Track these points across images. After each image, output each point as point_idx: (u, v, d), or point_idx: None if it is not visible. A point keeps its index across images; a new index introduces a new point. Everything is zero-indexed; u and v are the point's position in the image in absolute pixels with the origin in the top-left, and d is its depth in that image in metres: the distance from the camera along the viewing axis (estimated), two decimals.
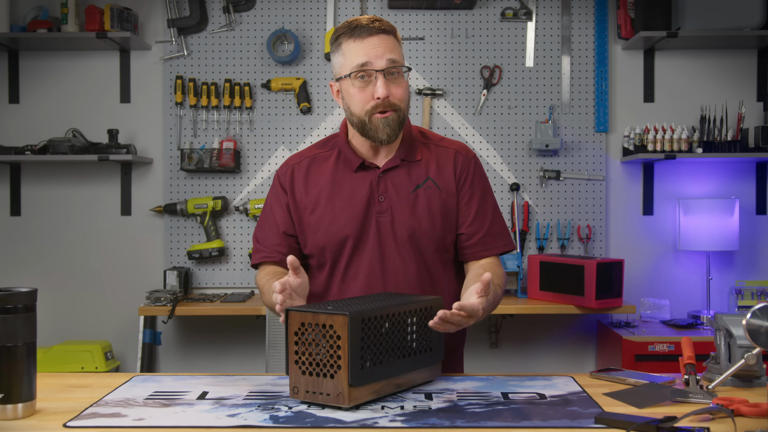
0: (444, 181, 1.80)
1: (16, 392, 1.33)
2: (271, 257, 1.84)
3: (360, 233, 1.77)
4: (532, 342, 3.77)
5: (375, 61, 1.69)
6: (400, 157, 1.79)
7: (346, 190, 1.79)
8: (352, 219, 1.76)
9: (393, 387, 1.49)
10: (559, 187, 3.73)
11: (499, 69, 3.72)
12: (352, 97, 1.73)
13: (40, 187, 3.76)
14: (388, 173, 1.79)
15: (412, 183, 1.79)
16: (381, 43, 1.70)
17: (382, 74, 1.69)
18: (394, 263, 1.77)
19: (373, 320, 1.42)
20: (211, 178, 3.72)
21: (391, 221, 1.77)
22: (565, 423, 1.31)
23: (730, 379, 1.56)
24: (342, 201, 1.78)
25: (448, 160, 1.82)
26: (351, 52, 1.71)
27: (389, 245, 1.77)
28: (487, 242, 1.81)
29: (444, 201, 1.79)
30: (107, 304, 3.75)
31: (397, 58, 1.71)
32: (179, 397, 1.49)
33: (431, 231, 1.77)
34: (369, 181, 1.78)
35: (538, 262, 3.46)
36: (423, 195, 1.78)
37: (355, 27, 1.71)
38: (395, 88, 1.71)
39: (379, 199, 1.77)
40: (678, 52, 3.75)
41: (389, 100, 1.70)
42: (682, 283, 3.74)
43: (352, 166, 1.79)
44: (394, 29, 1.74)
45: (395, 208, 1.77)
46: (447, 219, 1.80)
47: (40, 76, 3.75)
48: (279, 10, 3.72)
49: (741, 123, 3.58)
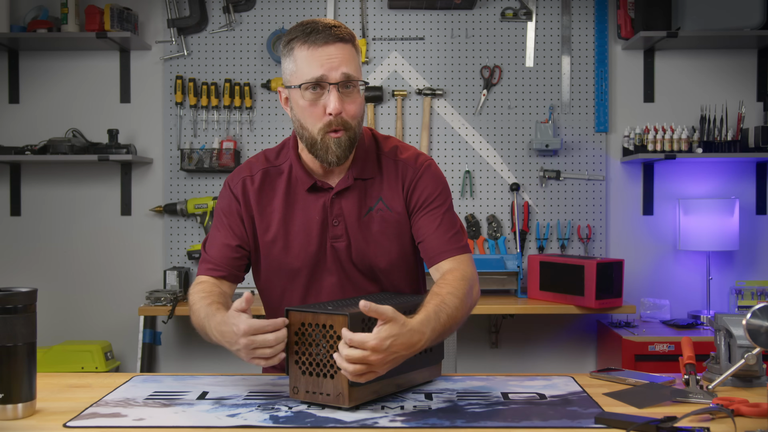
0: (394, 200, 1.69)
1: (16, 392, 1.33)
2: (217, 271, 1.68)
3: (316, 261, 1.68)
4: (532, 342, 3.77)
5: (329, 74, 1.54)
6: (353, 176, 1.67)
7: (299, 212, 1.68)
8: (307, 247, 1.67)
9: (393, 387, 1.49)
10: (559, 187, 3.73)
11: (499, 69, 3.72)
12: (302, 110, 1.59)
13: (40, 187, 3.76)
14: (341, 195, 1.67)
15: (365, 205, 1.68)
16: (337, 54, 1.55)
17: (336, 88, 1.54)
18: (356, 286, 1.69)
19: (373, 320, 1.42)
20: (211, 178, 3.72)
21: (347, 246, 1.67)
22: (565, 423, 1.31)
23: (730, 379, 1.56)
24: (296, 226, 1.68)
25: (397, 177, 1.69)
26: (303, 61, 1.56)
27: (348, 273, 1.69)
28: (439, 253, 1.65)
29: (396, 222, 1.69)
30: (107, 304, 3.75)
31: (352, 72, 1.56)
32: (179, 397, 1.49)
33: (388, 255, 1.68)
34: (322, 204, 1.67)
35: (538, 262, 3.46)
36: (376, 218, 1.68)
37: (310, 32, 1.56)
38: (349, 104, 1.57)
39: (333, 223, 1.67)
40: (678, 52, 3.75)
41: (341, 117, 1.56)
42: (682, 283, 3.74)
43: (304, 186, 1.68)
44: (353, 37, 1.60)
45: (351, 233, 1.67)
46: (401, 240, 1.70)
47: (40, 76, 3.75)
48: (279, 10, 3.72)
49: (741, 123, 3.58)
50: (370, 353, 1.30)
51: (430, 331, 1.40)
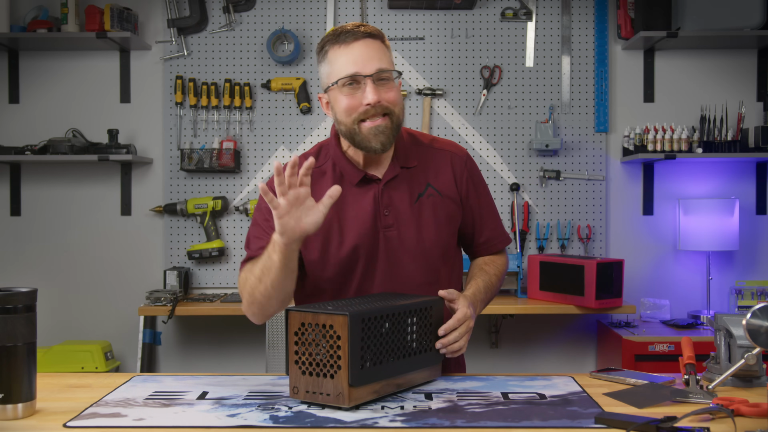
0: (444, 185, 1.76)
1: (16, 392, 1.33)
2: None
3: (370, 251, 1.71)
4: (532, 342, 3.77)
5: (363, 68, 1.62)
6: (399, 165, 1.73)
7: (350, 206, 1.71)
8: (362, 238, 1.70)
9: (393, 387, 1.49)
10: (559, 187, 3.73)
11: (499, 69, 3.72)
12: (341, 107, 1.65)
13: (40, 187, 3.76)
14: (389, 184, 1.72)
15: (414, 192, 1.74)
16: (368, 48, 1.63)
17: (371, 80, 1.62)
18: (405, 277, 1.72)
19: (373, 320, 1.42)
20: (211, 178, 3.72)
21: (398, 236, 1.71)
22: (565, 423, 1.31)
23: (730, 379, 1.56)
24: (349, 220, 1.71)
25: (445, 165, 1.78)
26: (337, 60, 1.64)
27: (399, 260, 1.72)
28: (492, 241, 1.85)
29: (447, 207, 1.76)
30: (107, 304, 3.75)
31: (385, 65, 1.64)
32: (179, 397, 1.49)
33: (438, 240, 1.74)
34: (372, 194, 1.71)
35: (538, 262, 3.46)
36: (427, 203, 1.74)
37: (340, 33, 1.65)
38: (386, 92, 1.64)
39: (384, 213, 1.71)
40: (678, 52, 3.75)
41: (381, 105, 1.62)
42: (682, 283, 3.74)
43: (353, 180, 1.72)
44: (382, 34, 1.68)
45: (401, 222, 1.72)
46: (451, 225, 1.77)
47: (40, 76, 3.75)
48: (279, 10, 3.72)
49: (741, 123, 3.58)
50: (469, 320, 1.59)
51: (480, 302, 1.74)
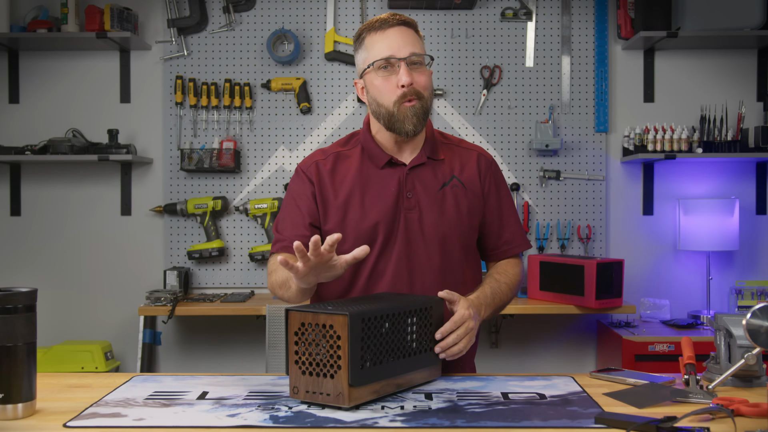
0: (469, 180, 1.83)
1: (16, 392, 1.33)
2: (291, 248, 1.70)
3: (389, 229, 1.77)
4: (532, 342, 3.77)
5: (397, 51, 1.72)
6: (426, 155, 1.81)
7: (374, 186, 1.79)
8: (383, 215, 1.77)
9: (393, 387, 1.49)
10: (559, 187, 3.73)
11: (499, 69, 3.72)
12: (377, 89, 1.75)
13: (40, 187, 3.76)
14: (414, 170, 1.80)
15: (439, 181, 1.81)
16: (402, 34, 1.74)
17: (405, 63, 1.72)
18: (421, 261, 1.78)
19: (373, 320, 1.42)
20: (211, 178, 3.72)
21: (419, 218, 1.78)
22: (565, 423, 1.31)
23: (730, 379, 1.56)
24: (371, 197, 1.78)
25: (471, 162, 1.86)
26: (374, 45, 1.75)
27: (417, 243, 1.78)
28: (508, 245, 1.90)
29: (470, 199, 1.82)
30: (107, 304, 3.75)
31: (417, 50, 1.74)
32: (179, 397, 1.49)
33: (458, 229, 1.80)
34: (397, 177, 1.79)
35: (538, 262, 3.46)
36: (450, 193, 1.81)
37: (375, 21, 1.76)
38: (418, 75, 1.74)
39: (407, 195, 1.78)
40: (678, 52, 3.75)
41: (413, 88, 1.72)
42: (682, 283, 3.74)
43: (379, 163, 1.80)
44: (415, 23, 1.79)
45: (423, 206, 1.79)
46: (473, 217, 1.83)
47: (40, 76, 3.75)
48: (279, 10, 3.72)
49: (741, 123, 3.58)
50: (468, 321, 1.59)
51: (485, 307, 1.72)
